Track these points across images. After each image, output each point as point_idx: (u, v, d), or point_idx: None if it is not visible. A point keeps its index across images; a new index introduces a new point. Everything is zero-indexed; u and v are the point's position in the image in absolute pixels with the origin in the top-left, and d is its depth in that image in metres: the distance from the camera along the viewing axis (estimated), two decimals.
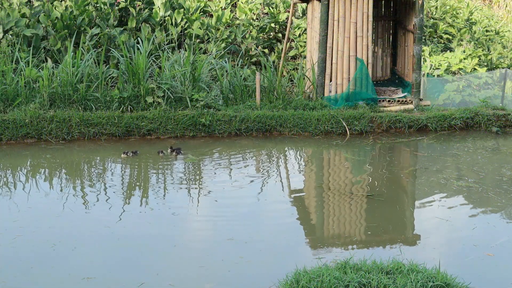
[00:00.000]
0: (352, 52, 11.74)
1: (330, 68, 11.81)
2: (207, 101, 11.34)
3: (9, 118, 10.61)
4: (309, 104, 11.64)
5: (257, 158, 10.15)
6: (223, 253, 6.50)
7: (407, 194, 8.60)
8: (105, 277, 6.01)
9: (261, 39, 15.68)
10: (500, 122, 11.71)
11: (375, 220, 7.44)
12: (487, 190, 8.43)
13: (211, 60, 12.88)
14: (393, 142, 10.84)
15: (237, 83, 12.20)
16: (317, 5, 11.92)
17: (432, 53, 15.72)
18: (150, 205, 7.98)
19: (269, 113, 11.27)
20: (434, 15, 17.67)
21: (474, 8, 19.10)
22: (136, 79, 11.42)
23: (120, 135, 10.89)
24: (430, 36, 17.06)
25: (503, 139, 11.19)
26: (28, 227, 7.15)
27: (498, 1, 22.39)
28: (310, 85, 12.23)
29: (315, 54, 12.08)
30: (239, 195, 8.29)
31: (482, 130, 11.60)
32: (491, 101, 12.71)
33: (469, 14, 18.37)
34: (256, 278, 5.97)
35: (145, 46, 11.65)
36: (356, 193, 8.36)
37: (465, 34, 17.02)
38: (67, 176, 9.21)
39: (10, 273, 6.05)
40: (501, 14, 21.54)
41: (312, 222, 7.52)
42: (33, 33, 13.52)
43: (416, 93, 11.97)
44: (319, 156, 10.42)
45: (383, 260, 5.66)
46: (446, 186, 8.62)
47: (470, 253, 6.53)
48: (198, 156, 9.97)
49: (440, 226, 7.24)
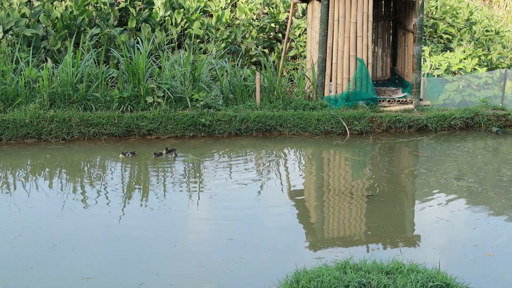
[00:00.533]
0: (352, 52, 11.74)
1: (330, 68, 11.81)
2: (207, 101, 11.34)
3: (9, 118, 10.61)
4: (309, 104, 11.64)
5: (257, 158, 10.15)
6: (223, 253, 6.49)
7: (407, 194, 8.59)
8: (105, 277, 6.00)
9: (261, 39, 15.69)
10: (500, 122, 11.71)
11: (375, 220, 7.44)
12: (487, 190, 8.43)
13: (211, 60, 12.88)
14: (393, 142, 10.84)
15: (237, 83, 12.20)
16: (317, 5, 11.92)
17: (432, 53, 15.73)
18: (150, 205, 7.98)
19: (269, 113, 11.27)
20: (434, 15, 17.68)
21: (474, 8, 19.11)
22: (136, 79, 11.42)
23: (120, 135, 10.88)
24: (430, 36, 17.06)
25: (503, 139, 11.20)
26: (28, 227, 7.15)
27: (498, 1, 22.40)
28: (310, 85, 12.23)
29: (315, 54, 12.08)
30: (239, 196, 8.29)
31: (482, 130, 11.60)
32: (491, 101, 12.71)
33: (469, 14, 18.37)
34: (256, 278, 5.97)
35: (145, 46, 11.64)
36: (356, 193, 8.36)
37: (465, 34, 17.02)
38: (67, 176, 9.21)
39: (10, 273, 6.05)
40: (501, 14, 21.54)
41: (312, 222, 7.52)
42: (33, 33, 13.53)
43: (416, 93, 11.97)
44: (319, 156, 10.42)
45: (383, 260, 5.65)
46: (446, 186, 8.62)
47: (470, 253, 6.53)
48: (198, 156, 9.96)
49: (440, 226, 7.24)
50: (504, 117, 11.77)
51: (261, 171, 9.44)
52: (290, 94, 12.57)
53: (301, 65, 13.81)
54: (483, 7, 21.04)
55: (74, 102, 11.27)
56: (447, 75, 14.45)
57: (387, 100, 12.02)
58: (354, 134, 11.21)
